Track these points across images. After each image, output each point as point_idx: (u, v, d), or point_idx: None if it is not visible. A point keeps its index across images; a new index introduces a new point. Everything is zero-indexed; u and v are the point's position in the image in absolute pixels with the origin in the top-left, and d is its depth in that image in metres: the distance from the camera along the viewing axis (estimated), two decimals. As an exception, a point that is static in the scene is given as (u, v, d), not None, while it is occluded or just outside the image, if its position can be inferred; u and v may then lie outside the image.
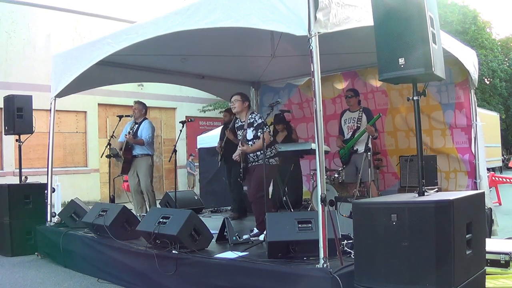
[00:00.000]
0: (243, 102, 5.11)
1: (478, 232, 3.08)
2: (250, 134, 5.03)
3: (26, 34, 13.74)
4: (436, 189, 5.15)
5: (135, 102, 7.14)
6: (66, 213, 5.98)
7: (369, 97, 7.33)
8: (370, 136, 5.87)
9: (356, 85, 7.17)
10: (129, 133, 6.73)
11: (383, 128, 7.24)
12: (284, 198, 5.96)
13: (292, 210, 6.15)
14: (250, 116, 5.09)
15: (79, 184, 13.82)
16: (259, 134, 4.92)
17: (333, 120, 7.48)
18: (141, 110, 6.98)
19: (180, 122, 6.51)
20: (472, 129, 6.26)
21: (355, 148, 6.04)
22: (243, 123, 5.15)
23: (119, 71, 6.54)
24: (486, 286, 3.23)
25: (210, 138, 9.55)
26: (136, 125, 6.86)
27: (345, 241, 3.81)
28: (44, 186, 6.21)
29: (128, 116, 7.03)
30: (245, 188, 7.63)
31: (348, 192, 6.12)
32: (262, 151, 4.87)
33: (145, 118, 6.97)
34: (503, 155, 25.97)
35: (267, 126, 5.01)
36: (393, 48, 3.04)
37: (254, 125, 5.01)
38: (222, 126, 7.20)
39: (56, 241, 5.55)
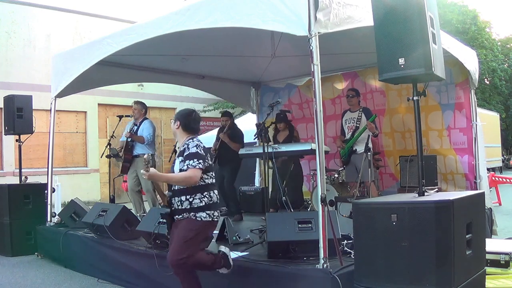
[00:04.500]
0: (175, 122, 3.70)
1: (478, 232, 3.08)
2: (177, 165, 3.56)
3: (26, 34, 13.72)
4: (436, 189, 5.15)
5: (135, 103, 7.09)
6: (66, 213, 6.00)
7: (368, 97, 7.32)
8: (370, 135, 5.88)
9: (356, 86, 7.15)
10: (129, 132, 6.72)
11: (380, 129, 7.22)
12: (284, 198, 5.94)
13: (292, 210, 6.13)
14: (186, 142, 3.59)
15: (79, 184, 13.80)
16: (185, 167, 3.43)
17: (332, 121, 7.48)
18: (141, 110, 6.96)
19: (180, 122, 6.48)
20: (472, 129, 6.26)
21: (354, 148, 6.06)
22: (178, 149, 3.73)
23: (119, 71, 6.53)
24: (486, 286, 3.23)
25: (210, 138, 9.42)
26: (136, 126, 6.84)
27: (345, 241, 3.82)
28: (44, 186, 6.22)
29: (128, 116, 7.02)
30: (244, 188, 7.68)
31: (349, 192, 6.12)
32: (187, 197, 3.46)
33: (145, 118, 6.95)
34: (503, 155, 25.98)
35: (201, 161, 3.44)
36: (393, 48, 3.04)
37: (184, 154, 3.50)
38: (219, 128, 7.18)
39: (56, 241, 5.56)
